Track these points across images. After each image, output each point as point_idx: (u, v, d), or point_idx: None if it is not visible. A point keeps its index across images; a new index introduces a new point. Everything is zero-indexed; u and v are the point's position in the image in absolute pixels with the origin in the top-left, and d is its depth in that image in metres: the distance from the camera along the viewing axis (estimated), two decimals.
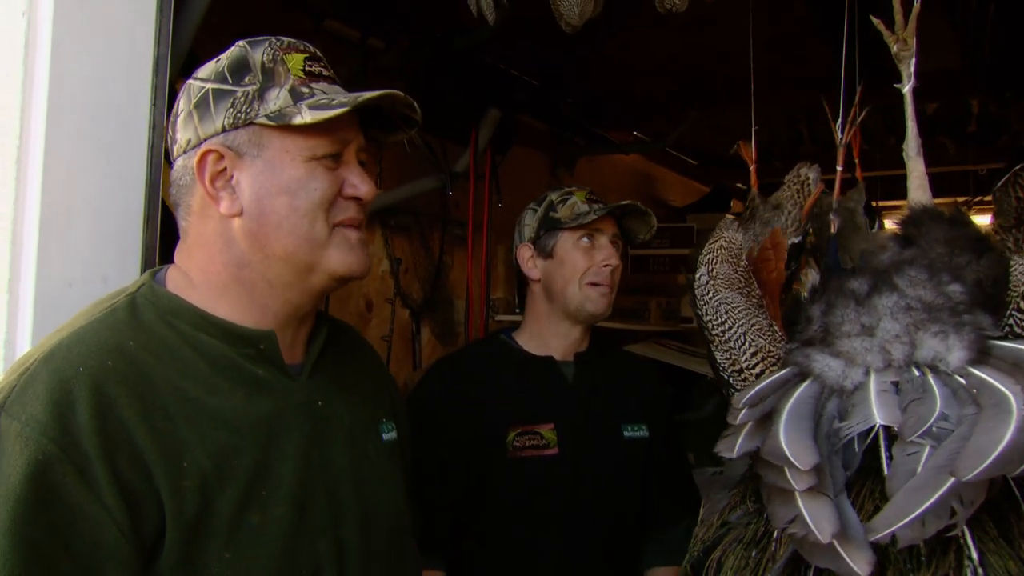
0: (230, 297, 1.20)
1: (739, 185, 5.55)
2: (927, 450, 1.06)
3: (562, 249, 2.00)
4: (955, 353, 1.14)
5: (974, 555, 1.05)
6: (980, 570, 1.05)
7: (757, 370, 1.34)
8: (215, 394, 1.14)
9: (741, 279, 1.46)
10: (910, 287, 1.25)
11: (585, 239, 1.99)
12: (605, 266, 1.98)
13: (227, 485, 1.10)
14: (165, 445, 1.07)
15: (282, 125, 1.15)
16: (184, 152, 1.19)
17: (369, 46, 2.96)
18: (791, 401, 1.14)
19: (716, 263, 1.52)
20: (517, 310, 2.21)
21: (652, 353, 4.16)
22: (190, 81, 1.22)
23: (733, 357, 1.39)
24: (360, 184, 1.23)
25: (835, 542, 1.05)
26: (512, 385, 1.95)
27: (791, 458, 1.07)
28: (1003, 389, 1.05)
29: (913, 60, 1.61)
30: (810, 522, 1.05)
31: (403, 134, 1.33)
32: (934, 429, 1.05)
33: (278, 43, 1.21)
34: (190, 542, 1.06)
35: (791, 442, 1.09)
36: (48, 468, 0.98)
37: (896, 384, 1.14)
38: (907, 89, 1.62)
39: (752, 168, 2.30)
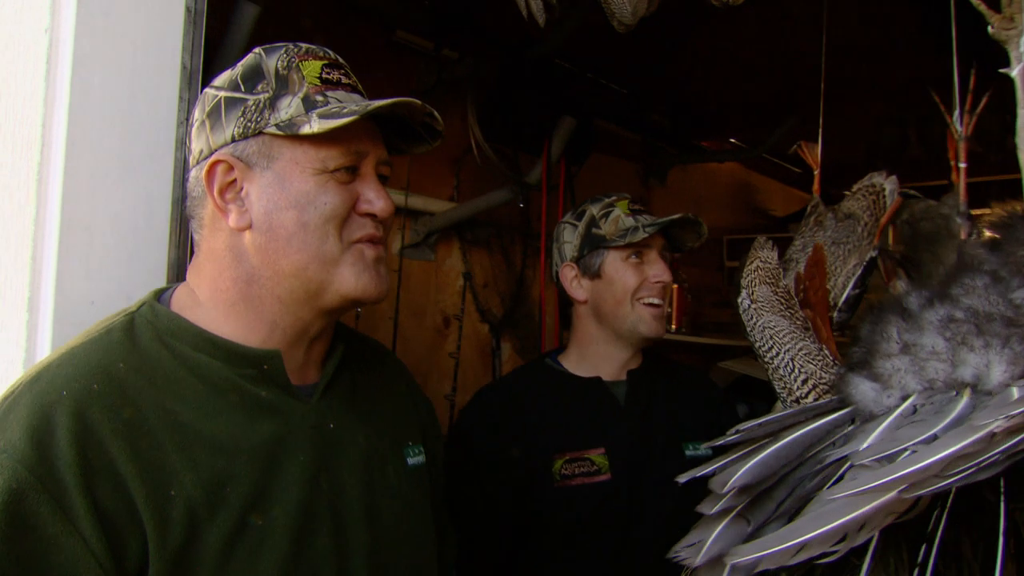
0: (237, 314, 1.16)
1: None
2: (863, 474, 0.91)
3: (610, 268, 1.89)
4: (996, 368, 0.97)
5: None
6: None
7: (810, 399, 1.20)
8: (211, 418, 1.09)
9: (782, 300, 1.32)
10: (964, 295, 1.08)
11: (634, 256, 1.88)
12: (656, 282, 1.87)
13: (218, 515, 1.05)
14: (151, 473, 1.02)
15: (292, 135, 1.10)
16: (197, 163, 1.16)
17: (443, 57, 2.91)
18: (799, 431, 1.00)
19: (755, 285, 1.39)
20: (565, 332, 2.11)
21: (748, 369, 3.98)
22: (206, 89, 1.19)
23: (787, 385, 1.26)
24: (376, 200, 1.17)
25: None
26: (558, 410, 1.85)
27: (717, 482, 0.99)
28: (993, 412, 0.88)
29: (1023, 39, 1.44)
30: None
31: (427, 145, 1.27)
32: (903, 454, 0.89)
33: (295, 49, 1.16)
34: (175, 574, 1.01)
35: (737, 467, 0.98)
36: (22, 497, 0.94)
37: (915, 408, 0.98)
38: (1016, 72, 1.44)
39: (816, 173, 2.16)
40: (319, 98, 1.13)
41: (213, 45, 1.91)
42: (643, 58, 3.30)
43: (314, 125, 1.09)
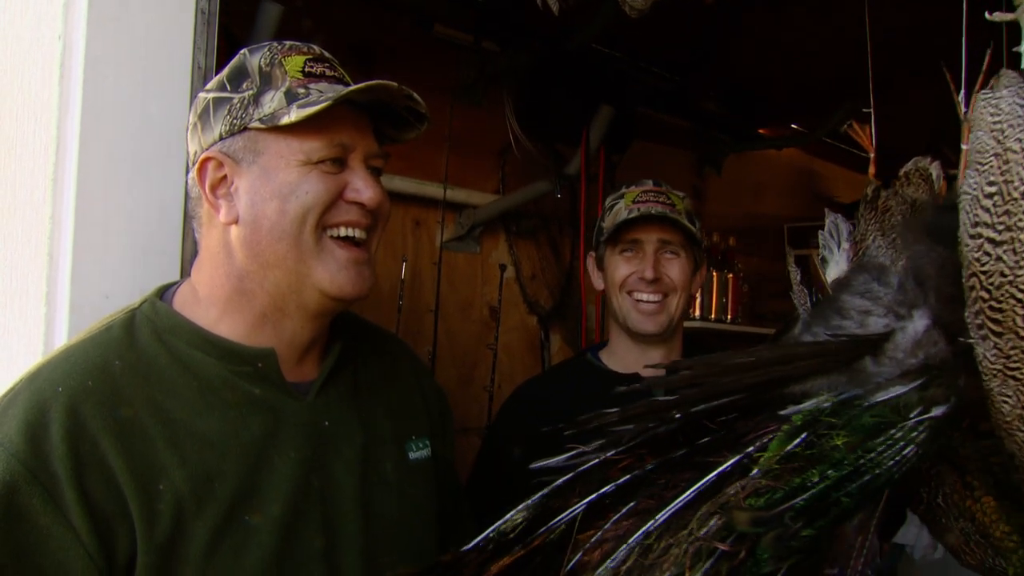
0: (232, 310, 1.19)
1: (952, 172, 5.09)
2: None
3: (608, 261, 1.90)
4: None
5: None
6: None
7: None
8: (203, 415, 1.13)
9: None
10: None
11: (627, 250, 1.86)
12: (641, 277, 1.84)
13: (205, 509, 1.09)
14: (140, 467, 1.06)
15: (274, 128, 1.13)
16: (192, 164, 1.20)
17: (483, 50, 2.92)
18: None
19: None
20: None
21: None
22: (199, 94, 1.23)
23: None
24: (364, 188, 1.19)
25: None
26: (595, 407, 1.84)
27: None
28: None
29: None
30: None
31: (416, 130, 1.28)
32: None
33: (279, 47, 1.19)
34: (162, 566, 1.05)
35: None
36: (16, 489, 1.00)
37: None
38: None
39: (872, 156, 2.09)
40: (301, 91, 1.15)
41: (239, 45, 1.97)
42: (692, 43, 3.25)
43: (292, 114, 1.11)
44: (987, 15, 1.29)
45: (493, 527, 1.20)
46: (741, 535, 1.07)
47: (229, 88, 1.18)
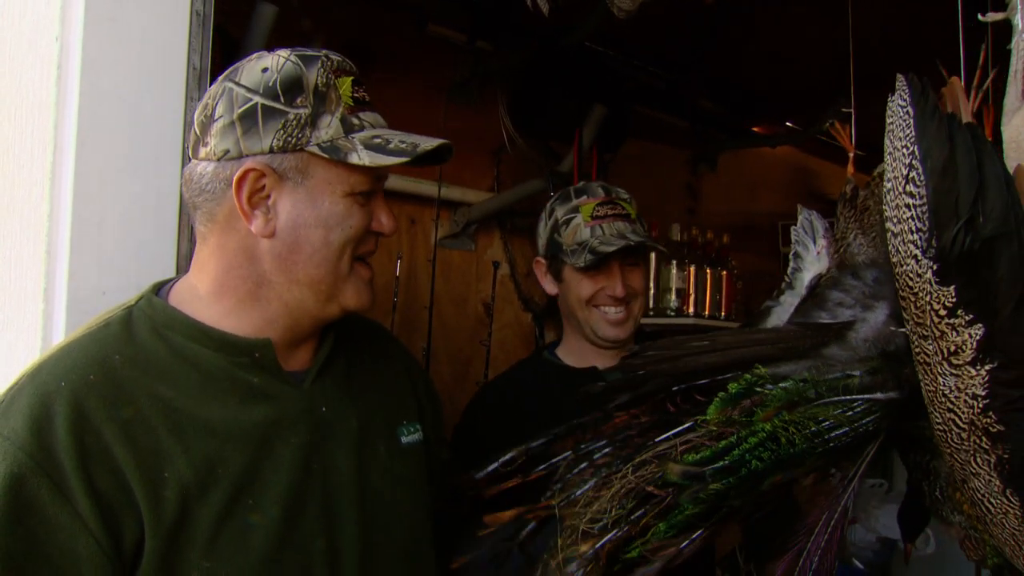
0: (241, 310, 1.22)
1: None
2: None
3: (568, 276, 1.92)
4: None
5: None
6: None
7: None
8: (204, 404, 1.16)
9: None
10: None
11: (591, 267, 1.87)
12: (610, 295, 1.87)
13: (209, 494, 1.12)
14: (144, 456, 1.09)
15: (335, 160, 1.16)
16: (219, 160, 1.18)
17: (478, 49, 2.95)
18: None
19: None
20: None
21: None
22: (231, 86, 1.19)
23: None
24: (387, 221, 1.26)
25: None
26: (558, 403, 1.87)
27: None
28: None
29: (1020, 11, 1.40)
30: None
31: (424, 164, 1.31)
32: None
33: (330, 63, 1.20)
34: (169, 551, 1.08)
35: None
36: (24, 481, 1.03)
37: None
38: (1014, 44, 1.41)
39: (851, 155, 2.12)
40: (355, 121, 1.19)
41: (235, 44, 2.00)
42: (687, 42, 3.28)
43: (363, 157, 1.15)
44: (979, 16, 1.32)
45: (498, 461, 1.45)
46: (670, 484, 1.25)
47: (283, 100, 1.17)
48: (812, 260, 1.66)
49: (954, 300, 1.08)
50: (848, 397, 1.26)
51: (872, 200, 1.86)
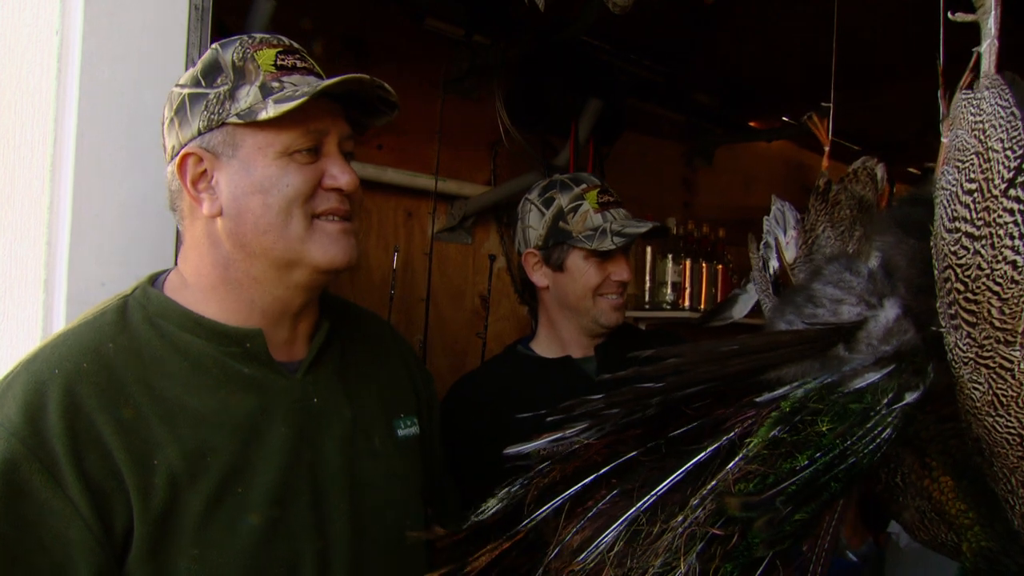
0: (219, 296, 1.24)
1: (911, 170, 5.15)
2: None
3: (573, 264, 1.94)
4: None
5: None
6: None
7: None
8: (195, 393, 1.18)
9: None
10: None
11: (599, 255, 1.92)
12: (617, 280, 1.93)
13: (198, 483, 1.14)
14: (135, 444, 1.11)
15: (252, 123, 1.17)
16: (171, 159, 1.24)
17: (475, 43, 2.96)
18: None
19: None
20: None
21: None
22: (172, 88, 1.26)
23: None
24: (340, 175, 1.23)
25: None
26: (532, 394, 1.88)
27: None
28: None
29: (993, 14, 1.41)
30: None
31: (387, 117, 1.32)
32: None
33: (250, 40, 1.23)
34: (157, 538, 1.10)
35: None
36: (17, 466, 1.05)
37: None
38: (984, 48, 1.42)
39: (827, 149, 2.14)
40: (275, 84, 1.19)
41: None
42: (684, 37, 3.29)
43: (270, 110, 1.15)
44: (949, 15, 1.33)
45: (471, 520, 1.26)
46: (732, 519, 1.11)
47: (204, 83, 1.21)
48: (781, 249, 1.68)
49: None
50: (891, 405, 1.23)
51: (844, 195, 1.89)
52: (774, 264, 1.60)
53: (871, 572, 3.81)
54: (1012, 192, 1.08)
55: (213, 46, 1.24)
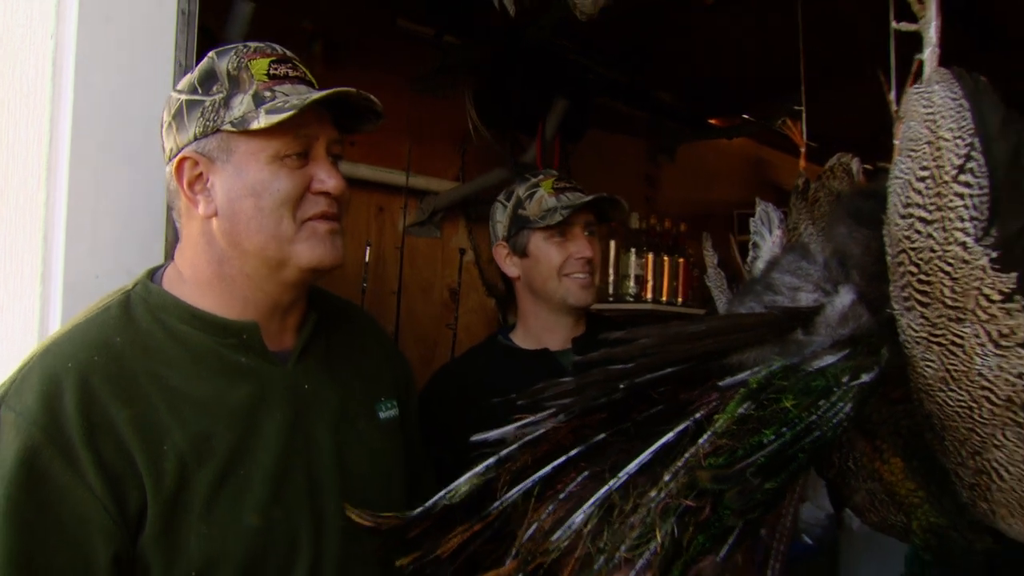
0: (214, 290, 1.31)
1: (867, 167, 5.28)
2: None
3: (535, 247, 2.01)
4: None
5: None
6: None
7: None
8: (196, 382, 1.25)
9: None
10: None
11: (558, 235, 1.99)
12: (580, 258, 1.99)
13: (205, 465, 1.21)
14: (146, 430, 1.18)
15: (245, 131, 1.24)
16: (168, 161, 1.31)
17: (445, 43, 3.04)
18: None
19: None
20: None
21: None
22: (171, 94, 1.33)
23: None
24: (327, 179, 1.30)
25: None
26: (510, 384, 1.95)
27: None
28: None
29: (933, 24, 1.51)
30: None
31: (372, 124, 1.40)
32: None
33: (244, 50, 1.30)
34: (169, 517, 1.18)
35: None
36: (37, 453, 1.12)
37: None
38: (926, 55, 1.52)
39: (802, 151, 2.24)
40: (267, 94, 1.26)
41: (214, 40, 2.06)
42: (646, 38, 3.38)
43: (261, 120, 1.23)
44: (893, 24, 1.43)
45: (440, 495, 1.34)
46: (704, 492, 1.18)
47: (200, 91, 1.28)
48: (769, 249, 1.76)
49: (1013, 286, 1.13)
50: (849, 383, 1.30)
51: (823, 192, 1.99)
52: (760, 263, 1.67)
53: (827, 554, 3.94)
54: (962, 177, 1.16)
55: (210, 54, 1.31)
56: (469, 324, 3.41)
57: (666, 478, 1.22)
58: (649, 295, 3.78)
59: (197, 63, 1.34)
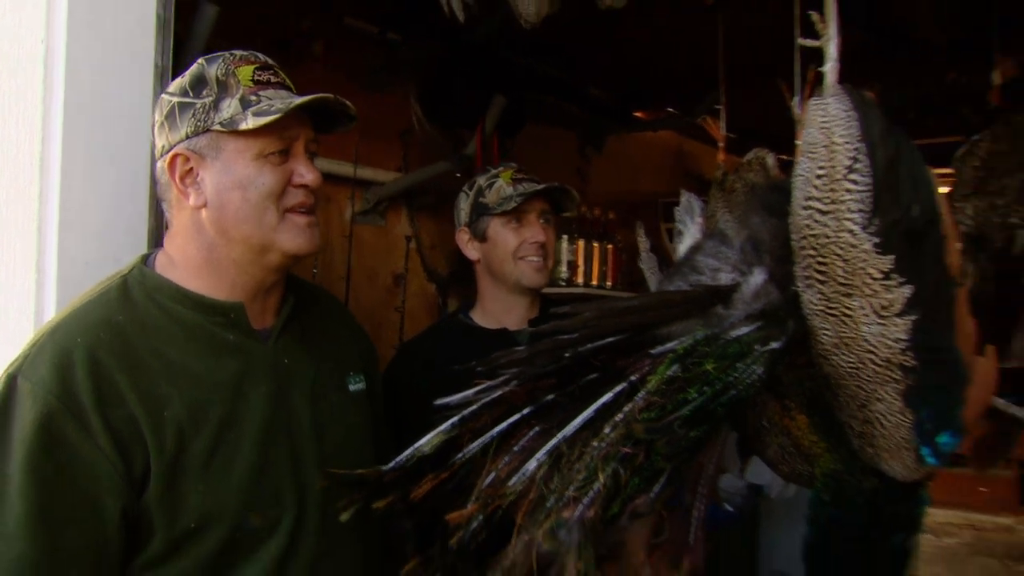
0: (204, 274, 1.45)
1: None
2: None
3: (493, 232, 2.19)
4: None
5: None
6: None
7: None
8: (191, 357, 1.40)
9: None
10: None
11: (514, 221, 2.17)
12: (533, 243, 2.16)
13: (201, 431, 1.36)
14: (148, 399, 1.33)
15: (233, 131, 1.39)
16: (160, 156, 1.45)
17: (388, 40, 3.18)
18: None
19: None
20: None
21: None
22: (162, 96, 1.46)
23: None
24: (306, 173, 1.46)
25: None
26: (469, 358, 1.92)
27: None
28: None
29: (834, 42, 1.68)
30: None
31: (346, 126, 1.55)
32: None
33: (231, 57, 1.44)
34: (170, 477, 1.33)
35: None
36: (52, 419, 1.26)
37: None
38: (828, 68, 1.70)
39: (721, 146, 2.45)
40: (253, 98, 1.41)
41: (180, 43, 2.18)
42: (579, 39, 3.56)
43: (249, 122, 1.37)
44: (799, 40, 1.61)
45: (409, 451, 1.47)
46: (638, 441, 1.35)
47: (191, 94, 1.42)
48: (692, 235, 1.95)
49: (891, 267, 1.35)
50: (761, 349, 1.48)
51: (740, 183, 2.20)
52: (684, 248, 1.86)
53: (747, 521, 4.19)
54: (851, 176, 1.37)
55: (199, 61, 1.44)
56: (411, 308, 3.58)
57: (607, 430, 1.38)
58: (580, 279, 3.98)
59: (173, 65, 1.47)
